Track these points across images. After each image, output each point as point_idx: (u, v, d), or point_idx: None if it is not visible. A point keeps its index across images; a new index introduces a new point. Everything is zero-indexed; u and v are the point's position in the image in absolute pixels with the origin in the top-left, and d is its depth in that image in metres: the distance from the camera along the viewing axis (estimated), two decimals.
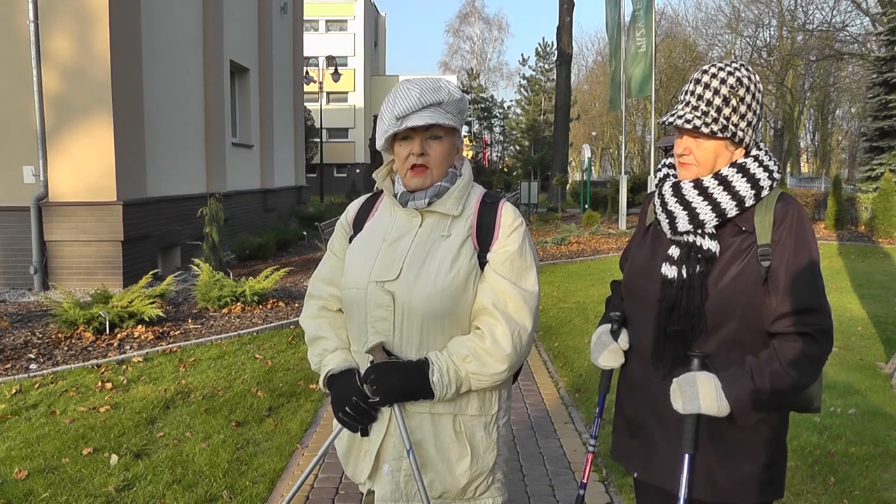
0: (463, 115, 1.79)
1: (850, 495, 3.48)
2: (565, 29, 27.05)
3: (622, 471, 3.65)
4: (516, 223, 1.76)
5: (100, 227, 8.94)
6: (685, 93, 1.74)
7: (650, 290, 1.78)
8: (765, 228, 1.68)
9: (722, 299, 1.67)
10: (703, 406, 1.62)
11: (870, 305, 8.36)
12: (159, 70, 10.35)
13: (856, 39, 34.91)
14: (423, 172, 1.74)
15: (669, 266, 1.73)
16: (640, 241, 1.91)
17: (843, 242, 14.96)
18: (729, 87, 1.67)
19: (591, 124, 54.10)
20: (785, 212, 1.68)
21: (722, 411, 1.62)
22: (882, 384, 5.32)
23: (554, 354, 6.22)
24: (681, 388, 1.65)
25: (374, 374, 1.70)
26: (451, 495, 1.77)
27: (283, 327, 7.12)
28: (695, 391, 1.63)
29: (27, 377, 5.38)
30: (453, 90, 1.75)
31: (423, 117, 1.69)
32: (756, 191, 1.70)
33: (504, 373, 1.71)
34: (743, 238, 1.70)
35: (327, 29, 45.73)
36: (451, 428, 1.74)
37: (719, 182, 1.71)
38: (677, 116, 1.72)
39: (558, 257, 12.98)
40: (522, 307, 1.71)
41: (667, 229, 1.78)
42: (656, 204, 1.83)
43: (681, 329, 1.70)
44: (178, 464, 3.82)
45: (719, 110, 1.68)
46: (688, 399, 1.63)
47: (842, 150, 51.52)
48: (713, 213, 1.70)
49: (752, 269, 1.66)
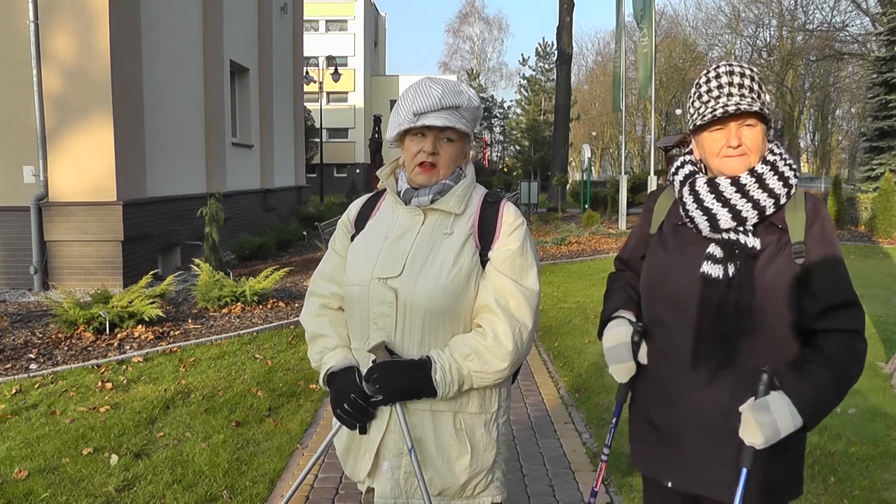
0: (476, 122, 1.81)
1: (850, 495, 3.47)
2: (565, 29, 27.05)
3: (622, 471, 3.66)
4: (517, 222, 1.77)
5: (100, 227, 8.94)
6: (718, 87, 1.72)
7: (685, 291, 1.73)
8: (797, 226, 1.69)
9: (765, 297, 1.66)
10: (781, 431, 1.59)
11: (870, 305, 8.36)
12: (159, 70, 10.35)
13: (856, 39, 34.93)
14: (431, 171, 1.76)
15: (712, 265, 1.70)
16: (658, 240, 1.86)
17: (843, 242, 14.97)
18: (757, 75, 1.73)
19: (591, 124, 54.11)
20: (816, 211, 1.72)
21: (797, 426, 1.60)
22: (882, 384, 5.32)
23: (554, 354, 6.21)
24: (756, 419, 1.59)
25: (376, 374, 1.70)
26: (450, 493, 1.78)
27: (283, 327, 7.12)
28: (771, 420, 1.58)
29: (27, 377, 5.38)
30: (473, 97, 1.78)
31: (440, 118, 1.71)
32: (787, 189, 1.72)
33: (506, 370, 1.72)
34: (778, 236, 1.70)
35: (327, 29, 45.73)
36: (451, 425, 1.75)
37: (756, 180, 1.71)
38: (735, 104, 1.69)
39: (558, 257, 12.98)
40: (523, 305, 1.72)
41: (705, 227, 1.74)
42: (687, 201, 1.78)
43: (725, 330, 1.67)
44: (178, 464, 3.82)
45: (759, 95, 1.71)
46: (767, 431, 1.58)
47: (842, 150, 51.54)
48: (754, 210, 1.69)
49: (788, 266, 1.67)
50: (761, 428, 1.58)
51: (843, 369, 1.63)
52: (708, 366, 1.70)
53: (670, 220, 1.85)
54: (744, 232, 1.70)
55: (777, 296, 1.66)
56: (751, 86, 1.71)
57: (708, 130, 1.75)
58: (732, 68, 1.73)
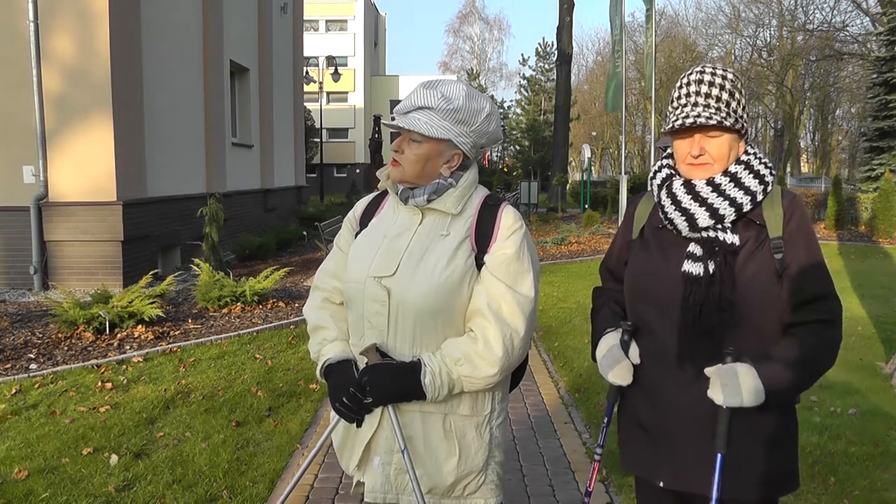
0: (466, 124, 1.75)
1: (850, 495, 3.47)
2: (565, 29, 27.05)
3: (622, 471, 3.65)
4: (515, 226, 1.75)
5: (100, 227, 8.94)
6: (686, 95, 1.76)
7: (667, 292, 1.76)
8: (775, 222, 1.72)
9: (746, 292, 1.69)
10: (745, 398, 1.62)
11: (870, 305, 8.36)
12: (159, 70, 10.34)
13: (856, 39, 34.91)
14: (396, 166, 1.78)
15: (693, 263, 1.72)
16: (640, 245, 1.89)
17: (844, 242, 14.96)
18: (730, 83, 1.73)
19: (591, 124, 54.08)
20: (793, 207, 1.75)
21: (760, 401, 1.64)
22: (882, 384, 5.32)
23: (554, 354, 6.21)
24: (721, 380, 1.64)
25: (367, 376, 1.71)
26: (438, 492, 1.78)
27: (283, 327, 7.12)
28: (736, 384, 1.62)
29: (27, 377, 5.38)
30: (453, 96, 1.73)
31: (404, 120, 1.73)
32: (763, 186, 1.75)
33: (495, 376, 1.71)
34: (757, 232, 1.73)
35: (327, 29, 45.71)
36: (440, 427, 1.75)
37: (730, 179, 1.74)
38: (694, 116, 1.71)
39: (558, 257, 12.98)
40: (516, 311, 1.70)
41: (684, 227, 1.77)
42: (665, 204, 1.80)
43: (709, 326, 1.69)
44: (178, 464, 3.82)
45: (728, 104, 1.73)
46: (729, 392, 1.63)
47: (842, 150, 51.51)
48: (731, 207, 1.73)
49: (768, 261, 1.70)
50: (724, 388, 1.63)
51: (812, 355, 1.66)
52: (693, 363, 1.72)
53: (651, 224, 1.88)
54: (722, 229, 1.73)
55: (759, 291, 1.69)
56: (719, 95, 1.72)
57: (677, 137, 1.80)
58: (702, 77, 1.74)
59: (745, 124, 1.76)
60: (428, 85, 1.75)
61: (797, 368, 1.65)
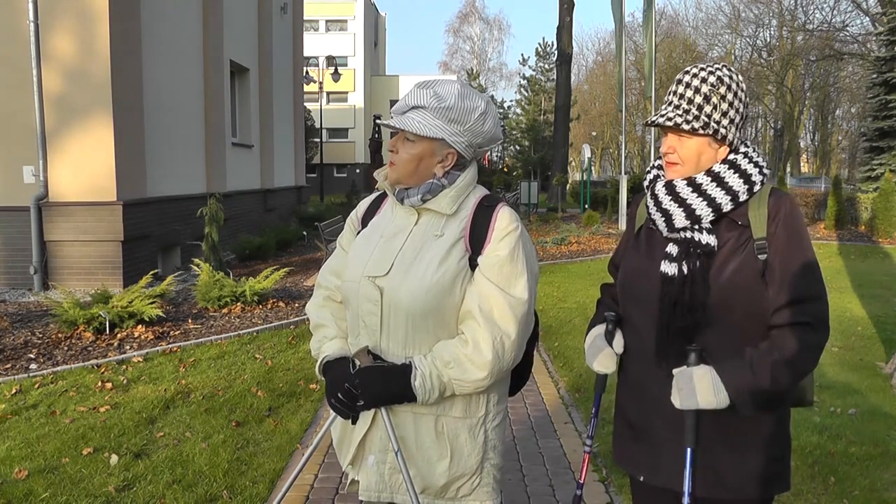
0: (459, 123, 1.73)
1: (850, 495, 3.48)
2: (565, 29, 27.05)
3: (622, 471, 3.65)
4: (510, 228, 1.73)
5: (100, 227, 8.94)
6: (668, 94, 1.79)
7: (649, 290, 1.78)
8: (759, 222, 1.71)
9: (724, 293, 1.68)
10: (700, 401, 1.64)
11: (870, 305, 8.36)
12: (159, 70, 10.34)
13: (856, 39, 34.92)
14: (391, 167, 1.79)
15: (669, 263, 1.74)
16: (634, 244, 1.92)
17: (843, 242, 14.96)
18: (710, 86, 1.72)
19: (591, 124, 54.08)
20: (778, 205, 1.72)
21: (721, 403, 1.64)
22: (882, 384, 5.32)
23: (554, 354, 6.22)
24: (677, 384, 1.67)
25: (358, 379, 1.71)
26: (431, 492, 1.78)
27: (283, 327, 7.12)
28: (691, 387, 1.65)
29: (27, 377, 5.38)
30: (446, 95, 1.72)
31: (398, 119, 1.74)
32: (749, 186, 1.73)
33: (485, 380, 1.69)
34: (739, 233, 1.72)
35: (327, 29, 45.73)
36: (432, 428, 1.75)
37: (712, 179, 1.74)
38: (660, 115, 1.76)
39: (558, 257, 12.98)
40: (507, 314, 1.69)
41: (663, 227, 1.78)
42: (649, 204, 1.83)
43: (684, 326, 1.71)
44: (178, 464, 3.82)
45: (700, 108, 1.72)
46: (685, 395, 1.65)
47: (842, 150, 51.52)
48: (709, 207, 1.72)
49: (750, 262, 1.69)
50: (680, 391, 1.66)
51: (788, 357, 1.63)
52: (668, 361, 1.73)
53: (646, 224, 1.90)
54: (699, 230, 1.73)
55: (739, 292, 1.68)
56: (691, 97, 1.72)
57: (663, 135, 1.81)
58: (685, 78, 1.76)
59: (722, 128, 1.72)
60: (422, 84, 1.75)
61: (769, 371, 1.63)
